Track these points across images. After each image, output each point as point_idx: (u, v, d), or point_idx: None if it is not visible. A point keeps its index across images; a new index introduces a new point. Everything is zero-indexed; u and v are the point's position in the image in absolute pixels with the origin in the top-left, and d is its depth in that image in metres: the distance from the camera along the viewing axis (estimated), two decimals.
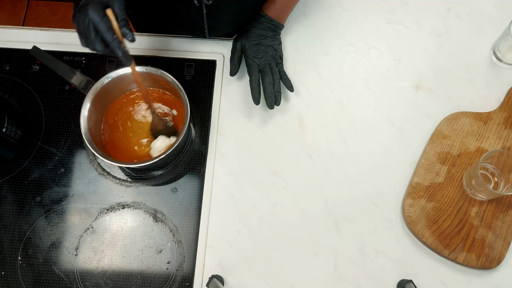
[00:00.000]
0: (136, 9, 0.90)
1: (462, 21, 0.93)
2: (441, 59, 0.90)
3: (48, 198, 0.80)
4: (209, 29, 0.85)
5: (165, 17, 0.84)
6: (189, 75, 0.87)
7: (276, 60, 0.83)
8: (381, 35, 0.92)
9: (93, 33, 0.62)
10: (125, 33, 0.64)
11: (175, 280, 0.76)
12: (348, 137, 0.84)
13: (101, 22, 0.62)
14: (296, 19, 0.92)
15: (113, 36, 0.63)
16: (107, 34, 0.63)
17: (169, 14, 0.82)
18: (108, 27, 0.62)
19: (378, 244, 0.78)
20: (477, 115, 0.84)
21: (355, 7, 0.93)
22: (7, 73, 0.86)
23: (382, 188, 0.81)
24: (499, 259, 0.76)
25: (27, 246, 0.77)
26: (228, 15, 0.82)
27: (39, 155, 0.82)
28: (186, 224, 0.78)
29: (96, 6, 0.62)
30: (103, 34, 0.63)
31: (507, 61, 0.88)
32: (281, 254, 0.77)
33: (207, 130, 0.84)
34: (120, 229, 0.78)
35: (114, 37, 0.63)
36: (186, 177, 0.81)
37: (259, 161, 0.82)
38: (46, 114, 0.84)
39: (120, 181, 0.81)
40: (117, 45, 0.64)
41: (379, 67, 0.89)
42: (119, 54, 0.65)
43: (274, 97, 0.80)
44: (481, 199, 0.79)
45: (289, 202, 0.80)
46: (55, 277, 0.75)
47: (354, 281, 0.76)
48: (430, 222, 0.77)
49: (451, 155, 0.82)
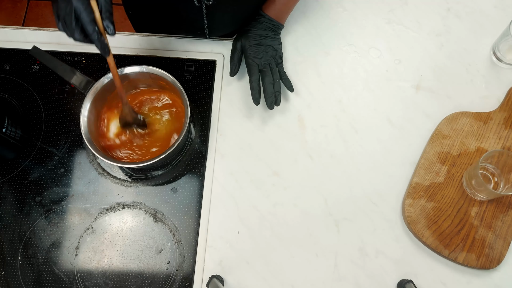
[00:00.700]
0: (136, 9, 0.90)
1: (462, 21, 0.93)
2: (441, 59, 0.90)
3: (48, 198, 0.80)
4: (209, 29, 0.85)
5: (165, 17, 0.84)
6: (189, 75, 0.87)
7: (276, 60, 0.83)
8: (381, 35, 0.92)
9: (74, 22, 0.61)
10: (107, 26, 0.63)
11: (175, 280, 0.76)
12: (348, 137, 0.84)
13: (84, 12, 0.60)
14: (296, 19, 0.92)
15: (94, 27, 0.62)
16: (88, 26, 0.61)
17: (169, 14, 0.82)
18: (90, 19, 0.61)
19: (378, 244, 0.78)
20: (477, 115, 0.84)
21: (355, 7, 0.93)
22: (7, 73, 0.86)
23: (382, 188, 0.81)
24: (499, 259, 0.76)
25: (27, 246, 0.77)
26: (228, 15, 0.82)
27: (39, 155, 0.82)
28: (186, 224, 0.78)
29: None
30: (85, 25, 0.61)
31: (507, 61, 0.88)
32: (281, 254, 0.77)
33: (207, 130, 0.84)
34: (120, 229, 0.78)
35: (95, 29, 0.62)
36: (186, 177, 0.81)
37: (259, 161, 0.82)
38: (46, 114, 0.84)
39: (120, 181, 0.81)
40: (97, 37, 0.62)
41: (379, 67, 0.89)
42: (98, 46, 0.64)
43: (274, 97, 0.80)
44: (481, 199, 0.79)
45: (289, 202, 0.80)
46: (55, 277, 0.75)
47: (354, 281, 0.76)
48: (430, 222, 0.77)
49: (451, 155, 0.82)
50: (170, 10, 0.81)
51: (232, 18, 0.84)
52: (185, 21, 0.83)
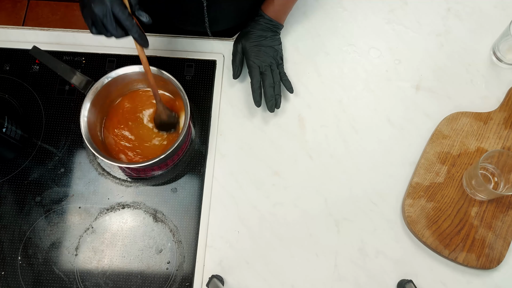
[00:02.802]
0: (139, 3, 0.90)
1: (462, 21, 0.93)
2: (441, 59, 0.90)
3: (48, 198, 0.80)
4: (210, 22, 0.85)
5: (167, 10, 0.85)
6: (189, 75, 0.87)
7: (277, 61, 0.83)
8: (381, 35, 0.92)
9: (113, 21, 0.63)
10: (142, 16, 0.66)
11: (175, 280, 0.76)
12: (348, 137, 0.84)
13: (121, 10, 0.62)
14: (296, 19, 0.92)
15: (132, 22, 0.64)
16: (127, 21, 0.63)
17: (170, 6, 0.83)
18: (127, 15, 0.63)
19: (378, 244, 0.78)
20: (477, 115, 0.84)
21: (355, 7, 0.93)
22: (7, 73, 0.86)
23: (382, 188, 0.81)
24: (499, 259, 0.76)
25: (27, 246, 0.77)
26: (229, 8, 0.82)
27: (39, 155, 0.82)
28: (186, 224, 0.78)
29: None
30: (123, 22, 0.63)
31: (507, 61, 0.88)
32: (281, 254, 0.77)
33: (207, 130, 0.84)
34: (120, 229, 0.78)
35: (133, 23, 0.64)
36: (186, 177, 0.81)
37: (259, 161, 0.82)
38: (46, 114, 0.84)
39: (120, 181, 0.81)
40: (136, 30, 0.65)
41: (379, 67, 0.89)
42: (138, 38, 0.66)
43: (274, 100, 0.81)
44: (481, 199, 0.79)
45: (289, 202, 0.80)
46: (55, 277, 0.75)
47: (354, 281, 0.76)
48: (430, 222, 0.77)
49: (451, 155, 0.82)
50: (171, 2, 0.81)
51: (233, 11, 0.84)
52: (186, 13, 0.84)
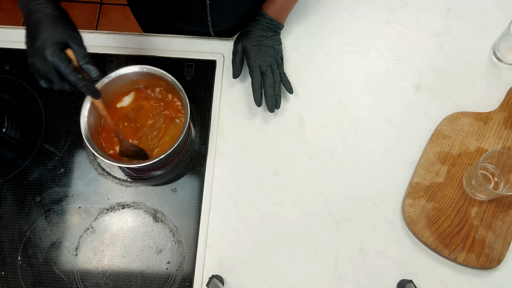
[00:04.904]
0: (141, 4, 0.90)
1: (462, 21, 0.93)
2: (441, 59, 0.90)
3: (48, 198, 0.79)
4: (212, 22, 0.85)
5: (169, 10, 0.85)
6: (189, 75, 0.87)
7: (277, 61, 0.83)
8: (381, 35, 0.91)
9: (57, 76, 0.61)
10: (90, 70, 0.62)
11: (175, 280, 0.76)
12: (348, 137, 0.84)
13: (62, 65, 0.59)
14: (296, 19, 0.92)
15: (77, 76, 0.61)
16: (71, 76, 0.60)
17: (173, 7, 0.83)
18: (71, 69, 0.60)
19: (378, 244, 0.78)
20: (477, 115, 0.84)
21: (355, 7, 0.93)
22: (7, 73, 0.86)
23: (382, 188, 0.81)
24: (499, 259, 0.76)
25: (27, 246, 0.77)
26: (231, 7, 0.82)
27: (39, 155, 0.82)
28: (186, 224, 0.78)
29: (54, 48, 0.59)
30: (67, 77, 0.61)
31: (507, 61, 0.88)
32: (281, 254, 0.77)
33: (207, 130, 0.84)
34: (120, 229, 0.78)
35: (78, 77, 0.61)
36: (186, 177, 0.81)
37: (259, 161, 0.82)
38: (46, 114, 0.84)
39: (120, 181, 0.81)
40: (83, 84, 0.62)
41: (379, 67, 0.89)
42: (86, 92, 0.64)
43: (274, 101, 0.81)
44: (481, 199, 0.79)
45: (289, 202, 0.80)
46: (55, 277, 0.75)
47: (354, 281, 0.76)
48: (430, 222, 0.77)
49: (451, 155, 0.82)
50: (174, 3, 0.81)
51: (235, 10, 0.84)
52: (189, 13, 0.84)
